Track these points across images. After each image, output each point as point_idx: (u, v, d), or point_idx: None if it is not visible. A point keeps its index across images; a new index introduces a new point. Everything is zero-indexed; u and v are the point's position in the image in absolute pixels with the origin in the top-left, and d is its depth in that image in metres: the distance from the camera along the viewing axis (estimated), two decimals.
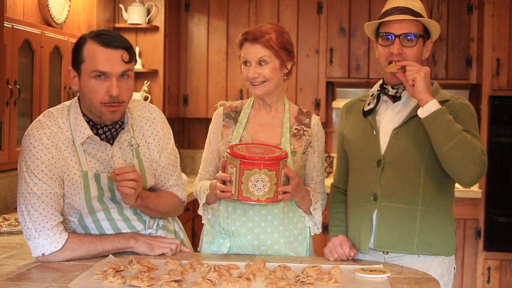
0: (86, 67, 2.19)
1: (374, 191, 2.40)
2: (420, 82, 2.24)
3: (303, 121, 2.55)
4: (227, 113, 2.58)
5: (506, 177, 4.81)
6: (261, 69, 2.44)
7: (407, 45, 2.36)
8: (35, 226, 2.21)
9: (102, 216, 2.35)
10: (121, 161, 2.34)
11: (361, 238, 2.42)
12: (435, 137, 2.25)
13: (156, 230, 2.48)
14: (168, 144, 2.47)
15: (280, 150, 2.33)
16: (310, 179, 2.58)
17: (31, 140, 2.23)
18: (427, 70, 2.27)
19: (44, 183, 2.21)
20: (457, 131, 2.22)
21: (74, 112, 2.30)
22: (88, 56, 2.19)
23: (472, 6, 5.14)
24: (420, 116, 2.27)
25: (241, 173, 2.24)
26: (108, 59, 2.18)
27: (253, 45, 2.44)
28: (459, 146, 2.21)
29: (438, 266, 2.39)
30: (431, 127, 2.24)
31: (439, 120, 2.23)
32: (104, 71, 2.18)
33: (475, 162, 2.23)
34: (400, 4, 2.39)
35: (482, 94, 4.91)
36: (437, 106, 2.24)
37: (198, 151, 5.67)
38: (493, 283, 4.88)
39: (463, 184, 2.31)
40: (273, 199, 2.28)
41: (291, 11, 5.35)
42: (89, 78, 2.19)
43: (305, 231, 2.55)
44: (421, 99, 2.25)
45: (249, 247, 2.48)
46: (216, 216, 2.53)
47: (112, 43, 2.19)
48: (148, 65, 5.11)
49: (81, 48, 2.21)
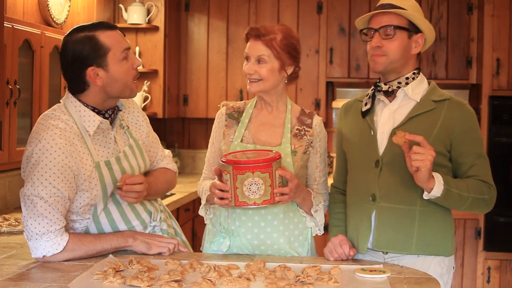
0: (114, 54, 2.28)
1: (372, 191, 2.40)
2: (424, 173, 2.20)
3: (305, 122, 2.55)
4: (230, 113, 2.58)
5: (506, 177, 4.81)
6: (259, 67, 2.45)
7: (386, 37, 2.36)
8: (38, 229, 2.21)
9: (114, 208, 2.38)
10: (122, 143, 2.41)
11: (359, 238, 2.42)
12: (447, 206, 2.37)
13: (160, 222, 2.52)
14: (147, 120, 2.59)
15: (273, 152, 2.34)
16: (313, 180, 2.57)
17: (43, 144, 2.21)
18: (433, 157, 2.19)
19: (54, 186, 2.21)
20: (465, 198, 2.32)
21: (73, 107, 2.32)
22: (111, 43, 2.28)
23: (472, 6, 5.14)
24: (425, 198, 2.31)
25: (235, 178, 2.26)
26: (122, 37, 2.34)
27: (255, 42, 2.45)
28: (472, 207, 2.35)
29: (438, 265, 2.39)
30: (441, 203, 2.34)
31: (447, 199, 2.30)
32: (128, 47, 2.33)
33: (487, 207, 2.41)
34: (384, 1, 2.41)
35: (482, 94, 4.91)
36: (441, 188, 2.26)
37: (198, 151, 5.67)
38: (493, 283, 4.88)
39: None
40: (270, 201, 2.29)
41: (291, 11, 5.35)
42: (119, 62, 2.29)
43: (306, 231, 2.54)
44: (423, 187, 2.26)
45: (248, 246, 2.48)
46: (217, 215, 2.54)
47: (114, 26, 2.35)
48: (148, 65, 5.11)
49: (97, 41, 2.26)
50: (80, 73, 2.27)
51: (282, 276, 2.14)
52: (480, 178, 2.35)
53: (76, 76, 2.29)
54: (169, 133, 5.74)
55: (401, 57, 2.38)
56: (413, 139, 2.21)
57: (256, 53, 2.44)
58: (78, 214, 2.33)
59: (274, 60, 2.44)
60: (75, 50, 2.26)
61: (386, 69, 2.40)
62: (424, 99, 2.40)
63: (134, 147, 2.45)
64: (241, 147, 2.49)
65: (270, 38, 2.43)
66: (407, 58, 2.40)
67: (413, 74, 2.42)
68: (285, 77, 2.50)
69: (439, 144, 2.34)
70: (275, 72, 2.45)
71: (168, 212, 2.70)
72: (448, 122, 2.36)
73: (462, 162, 2.37)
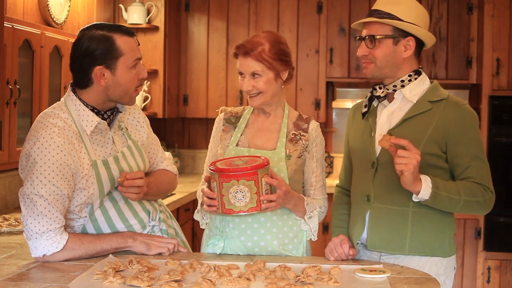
0: (126, 59, 2.30)
1: (367, 192, 2.42)
2: (408, 176, 2.20)
3: (301, 126, 2.55)
4: (227, 118, 2.60)
5: (506, 177, 4.81)
6: (255, 82, 2.45)
7: (370, 46, 2.38)
8: (38, 228, 2.21)
9: (110, 205, 2.38)
10: (120, 144, 2.41)
11: (353, 237, 2.45)
12: (439, 208, 2.35)
13: (159, 222, 2.52)
14: (148, 122, 2.60)
15: (260, 159, 2.34)
16: (309, 185, 2.56)
17: (41, 142, 2.22)
18: (417, 161, 2.19)
19: (53, 184, 2.21)
20: (456, 201, 2.30)
21: (73, 105, 2.33)
22: (126, 49, 2.30)
23: (472, 6, 5.14)
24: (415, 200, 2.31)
25: (221, 186, 2.27)
26: (137, 45, 2.37)
27: (245, 59, 2.44)
28: (465, 209, 2.33)
29: (434, 265, 2.39)
30: (431, 206, 2.33)
31: (436, 202, 2.30)
32: (140, 57, 2.36)
33: (484, 210, 2.38)
34: (374, 7, 2.42)
35: (482, 94, 4.91)
36: (428, 191, 2.25)
37: (198, 151, 5.67)
38: (493, 283, 4.88)
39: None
40: (256, 209, 2.29)
41: (291, 11, 5.35)
42: (128, 69, 2.31)
43: (301, 234, 2.52)
44: (410, 189, 2.27)
45: (242, 248, 2.47)
46: (213, 219, 2.54)
47: (132, 32, 2.37)
48: (148, 65, 5.10)
49: (113, 44, 2.27)
50: (88, 69, 2.29)
51: (282, 276, 2.14)
52: (475, 180, 2.33)
53: (83, 70, 2.30)
54: (169, 133, 5.74)
55: (388, 63, 2.39)
56: (398, 143, 2.20)
57: (249, 69, 2.44)
58: (75, 213, 2.33)
59: (268, 72, 2.44)
60: (90, 45, 2.28)
61: (376, 75, 2.43)
62: (420, 100, 2.40)
63: (132, 148, 2.45)
64: (236, 151, 2.49)
65: (259, 52, 2.42)
66: (397, 62, 2.39)
67: (409, 76, 2.42)
68: (281, 83, 2.51)
69: (433, 145, 2.33)
70: (271, 82, 2.46)
71: (169, 212, 2.70)
72: (443, 123, 2.35)
73: (457, 164, 2.36)
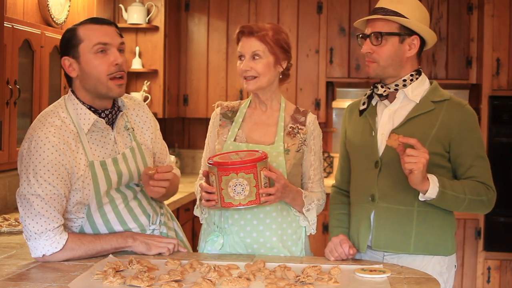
0: (86, 46, 2.27)
1: (372, 192, 2.41)
2: (417, 175, 2.20)
3: (298, 120, 2.56)
4: (224, 113, 2.60)
5: (506, 177, 4.81)
6: (254, 63, 2.47)
7: (376, 44, 2.38)
8: (36, 228, 2.21)
9: (109, 209, 2.37)
10: (123, 145, 2.40)
11: (360, 238, 2.44)
12: (444, 208, 2.36)
13: (159, 226, 2.50)
14: (158, 126, 2.59)
15: (259, 153, 2.34)
16: (307, 178, 2.57)
17: (37, 141, 2.22)
18: (426, 160, 2.19)
19: (49, 184, 2.21)
20: (462, 200, 2.31)
21: (72, 104, 2.33)
22: (85, 35, 2.28)
23: (472, 6, 5.14)
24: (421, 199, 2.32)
25: (220, 180, 2.26)
26: (106, 32, 2.29)
27: (248, 39, 2.47)
28: (469, 208, 2.35)
29: (437, 264, 2.40)
30: (437, 205, 2.34)
31: (443, 201, 2.30)
32: (105, 42, 2.27)
33: (486, 209, 2.39)
34: (378, 5, 2.42)
35: (482, 94, 4.91)
36: (436, 190, 2.26)
37: (198, 151, 5.67)
38: (493, 283, 4.88)
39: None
40: (256, 202, 2.29)
41: (291, 11, 5.35)
42: (91, 54, 2.27)
43: (300, 230, 2.53)
44: (418, 188, 2.27)
45: (241, 245, 2.47)
46: (212, 214, 2.54)
47: (105, 21, 2.33)
48: (148, 65, 5.10)
49: (74, 33, 2.29)
50: (60, 63, 2.34)
51: (282, 276, 2.14)
52: (478, 179, 2.35)
53: (61, 67, 2.35)
54: (169, 133, 5.74)
55: (392, 62, 2.39)
56: (406, 142, 2.20)
57: (250, 49, 2.47)
58: (72, 213, 2.33)
59: (269, 55, 2.47)
60: (60, 40, 2.35)
61: (379, 74, 2.42)
62: (423, 100, 2.40)
63: (135, 150, 2.43)
64: (234, 146, 2.50)
65: (263, 34, 2.46)
66: (401, 61, 2.40)
67: (411, 76, 2.42)
68: (279, 72, 2.52)
69: (437, 145, 2.34)
70: (270, 67, 2.48)
71: (170, 213, 2.68)
72: (447, 123, 2.36)
73: (460, 163, 2.37)
